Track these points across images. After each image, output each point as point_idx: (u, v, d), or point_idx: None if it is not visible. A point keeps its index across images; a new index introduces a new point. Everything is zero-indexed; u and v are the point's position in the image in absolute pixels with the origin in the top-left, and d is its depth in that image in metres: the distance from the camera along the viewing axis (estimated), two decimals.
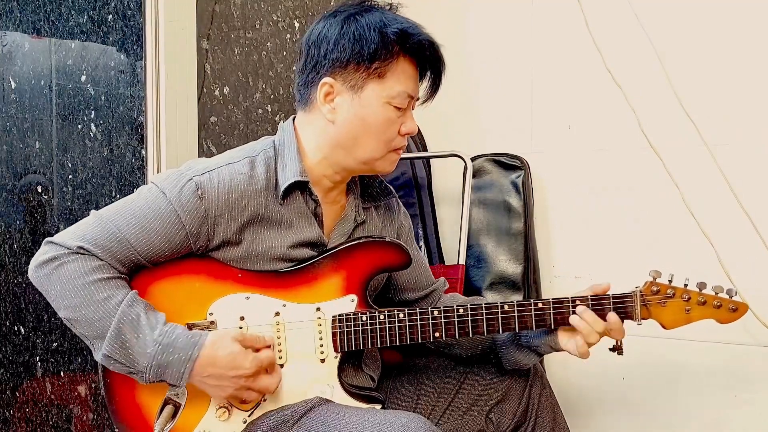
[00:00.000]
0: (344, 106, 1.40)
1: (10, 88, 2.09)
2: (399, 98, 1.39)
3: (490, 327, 1.42)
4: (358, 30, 1.37)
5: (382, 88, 1.38)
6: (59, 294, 1.32)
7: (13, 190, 2.10)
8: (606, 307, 1.41)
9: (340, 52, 1.38)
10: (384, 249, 1.46)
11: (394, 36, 1.37)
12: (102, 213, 1.36)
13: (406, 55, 1.39)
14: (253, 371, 1.32)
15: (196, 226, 1.35)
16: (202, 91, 2.03)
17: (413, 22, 1.42)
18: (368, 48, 1.36)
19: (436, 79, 1.46)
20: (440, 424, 1.52)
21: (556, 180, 2.17)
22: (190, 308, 1.38)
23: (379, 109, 1.39)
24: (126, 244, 1.33)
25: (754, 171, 1.88)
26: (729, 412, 1.93)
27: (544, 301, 1.42)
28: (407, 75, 1.40)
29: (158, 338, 1.30)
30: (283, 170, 1.41)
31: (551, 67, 2.16)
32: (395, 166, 1.47)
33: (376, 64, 1.37)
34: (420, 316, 1.42)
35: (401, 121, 1.42)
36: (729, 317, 1.43)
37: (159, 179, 1.38)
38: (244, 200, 1.37)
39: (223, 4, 2.08)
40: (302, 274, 1.42)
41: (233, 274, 1.40)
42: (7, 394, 2.07)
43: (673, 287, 1.42)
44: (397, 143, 1.43)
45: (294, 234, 1.41)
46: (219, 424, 1.37)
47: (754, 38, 1.88)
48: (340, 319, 1.41)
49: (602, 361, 2.07)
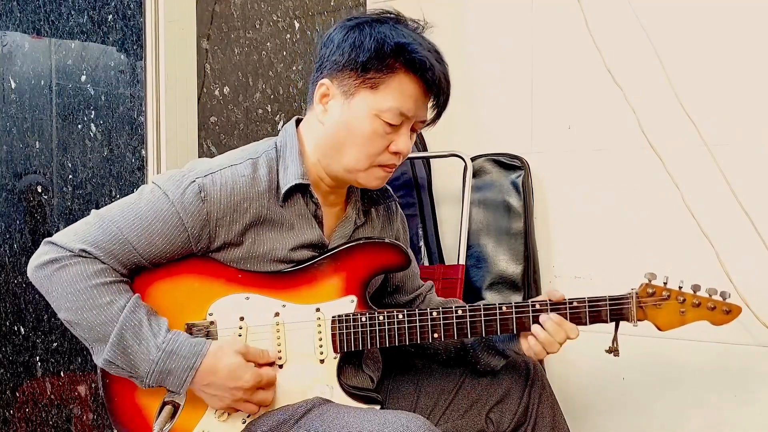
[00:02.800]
0: (335, 109, 1.39)
1: (10, 88, 2.09)
2: (390, 113, 1.36)
3: (489, 328, 1.42)
4: (360, 37, 1.37)
5: (373, 99, 1.36)
6: (60, 296, 1.31)
7: (13, 190, 2.10)
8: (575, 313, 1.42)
9: (339, 56, 1.38)
10: (383, 250, 1.46)
11: (389, 49, 1.35)
12: (103, 213, 1.36)
13: (408, 71, 1.36)
14: (251, 385, 1.32)
15: (198, 228, 1.35)
16: (202, 91, 2.03)
17: (421, 40, 1.39)
18: (363, 56, 1.35)
19: (440, 102, 1.42)
20: (440, 424, 1.52)
21: (556, 180, 2.17)
22: (190, 308, 1.38)
23: (365, 120, 1.37)
24: (128, 246, 1.33)
25: (754, 171, 1.88)
26: (729, 412, 1.93)
27: (541, 302, 1.42)
28: (405, 93, 1.37)
29: (161, 345, 1.30)
30: (284, 172, 1.41)
31: (551, 67, 2.16)
32: (383, 183, 1.45)
33: (371, 74, 1.35)
34: (419, 317, 1.42)
35: (391, 138, 1.39)
36: (723, 319, 1.45)
37: (161, 180, 1.38)
38: (246, 202, 1.36)
39: (223, 4, 2.08)
40: (302, 275, 1.42)
41: (233, 274, 1.40)
42: (7, 394, 2.07)
43: (669, 289, 1.44)
44: (383, 159, 1.40)
45: (295, 236, 1.41)
46: (218, 424, 1.37)
47: (754, 38, 1.88)
48: (339, 320, 1.41)
49: (602, 361, 2.07)
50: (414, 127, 1.42)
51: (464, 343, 1.55)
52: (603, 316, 1.43)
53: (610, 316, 1.43)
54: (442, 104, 1.43)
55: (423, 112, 1.42)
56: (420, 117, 1.41)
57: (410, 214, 2.32)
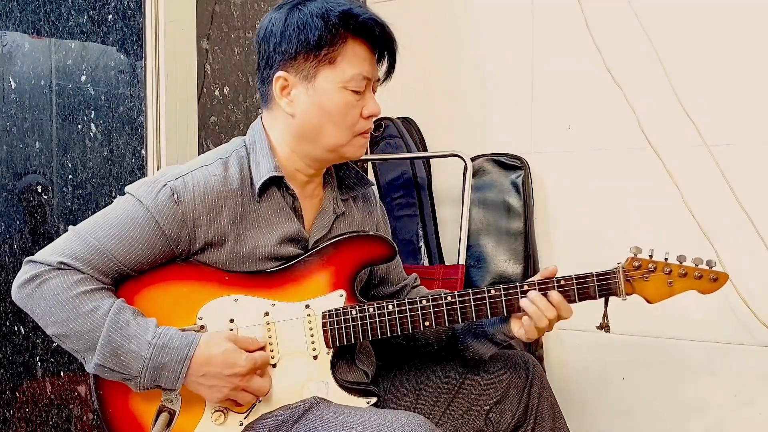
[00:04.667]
0: (301, 97, 1.40)
1: (10, 88, 2.09)
2: (354, 81, 1.39)
3: (479, 312, 1.42)
4: (301, 19, 1.37)
5: (334, 74, 1.38)
6: (45, 311, 1.31)
7: (13, 190, 2.10)
8: (561, 289, 1.42)
9: (288, 44, 1.38)
10: (369, 243, 1.46)
11: (337, 19, 1.36)
12: (80, 228, 1.36)
13: (356, 37, 1.39)
14: (248, 370, 1.32)
15: (176, 230, 1.35)
16: (202, 91, 2.03)
17: (359, 4, 1.41)
18: (313, 35, 1.36)
19: (391, 58, 1.45)
20: (440, 424, 1.52)
21: (556, 180, 2.17)
22: (179, 314, 1.38)
23: (335, 95, 1.39)
24: (107, 255, 1.33)
25: (754, 171, 1.88)
26: (729, 412, 1.93)
27: (529, 283, 1.43)
28: (360, 57, 1.39)
29: (152, 340, 1.29)
30: (256, 168, 1.41)
31: (551, 67, 2.16)
32: (365, 149, 1.47)
33: (325, 50, 1.37)
34: (409, 306, 1.42)
35: (361, 104, 1.41)
36: (710, 287, 1.45)
37: (134, 188, 1.38)
38: (220, 201, 1.37)
39: (223, 4, 2.08)
40: (289, 273, 1.42)
41: (220, 277, 1.39)
42: (7, 394, 2.07)
43: (654, 261, 1.43)
44: (360, 127, 1.43)
45: (275, 231, 1.41)
46: (216, 428, 1.36)
47: (754, 38, 1.88)
48: (329, 315, 1.41)
49: (602, 361, 2.07)
50: (373, 88, 1.45)
51: (455, 332, 1.55)
52: (591, 293, 1.43)
53: (598, 292, 1.43)
54: (393, 58, 1.45)
55: (377, 71, 1.45)
56: (376, 77, 1.44)
57: (410, 214, 2.33)
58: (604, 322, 1.46)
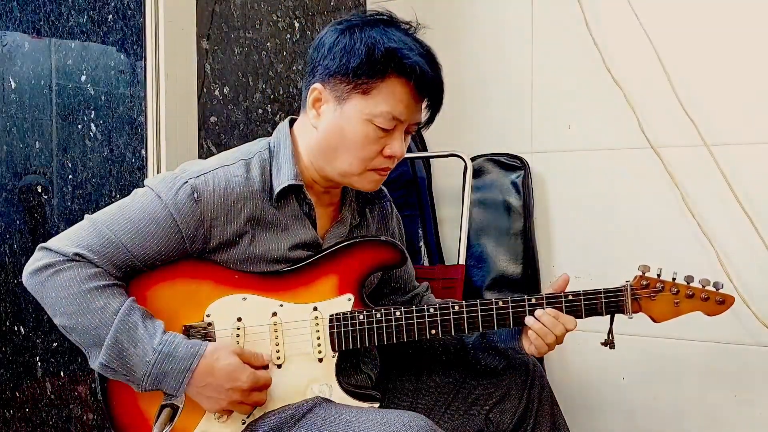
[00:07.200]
0: (328, 114, 1.39)
1: (10, 88, 2.09)
2: (382, 118, 1.36)
3: (486, 323, 1.43)
4: (350, 42, 1.36)
5: (365, 104, 1.36)
6: (55, 301, 1.31)
7: (13, 190, 2.10)
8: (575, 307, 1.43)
9: (330, 61, 1.37)
10: (379, 248, 1.46)
11: (380, 55, 1.34)
12: (97, 218, 1.35)
13: (399, 76, 1.36)
14: (248, 386, 1.32)
15: (193, 229, 1.35)
16: (202, 91, 2.03)
17: (412, 44, 1.38)
18: (354, 62, 1.35)
19: (434, 105, 1.42)
20: (440, 424, 1.52)
21: (556, 180, 2.17)
22: (187, 310, 1.38)
23: (358, 124, 1.37)
24: (122, 249, 1.33)
25: (754, 171, 1.88)
26: (728, 412, 1.93)
27: (537, 297, 1.43)
28: (396, 97, 1.36)
29: (157, 347, 1.29)
30: (277, 173, 1.41)
31: (551, 67, 2.16)
32: (377, 186, 1.45)
33: (362, 79, 1.35)
34: (417, 314, 1.43)
35: (385, 141, 1.38)
36: (716, 309, 1.47)
37: (154, 182, 1.38)
38: (240, 202, 1.37)
39: (223, 4, 2.08)
40: (299, 275, 1.42)
41: (230, 275, 1.40)
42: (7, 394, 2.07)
43: (662, 281, 1.45)
44: (377, 163, 1.40)
45: (290, 236, 1.41)
46: (218, 426, 1.37)
47: (754, 38, 1.88)
48: (337, 318, 1.41)
49: (602, 361, 2.07)
50: (408, 130, 1.42)
51: (464, 344, 1.55)
52: (599, 309, 1.44)
53: (605, 308, 1.44)
54: (436, 107, 1.43)
55: (417, 115, 1.41)
56: (414, 120, 1.41)
57: (410, 214, 2.32)
58: (609, 338, 1.47)
